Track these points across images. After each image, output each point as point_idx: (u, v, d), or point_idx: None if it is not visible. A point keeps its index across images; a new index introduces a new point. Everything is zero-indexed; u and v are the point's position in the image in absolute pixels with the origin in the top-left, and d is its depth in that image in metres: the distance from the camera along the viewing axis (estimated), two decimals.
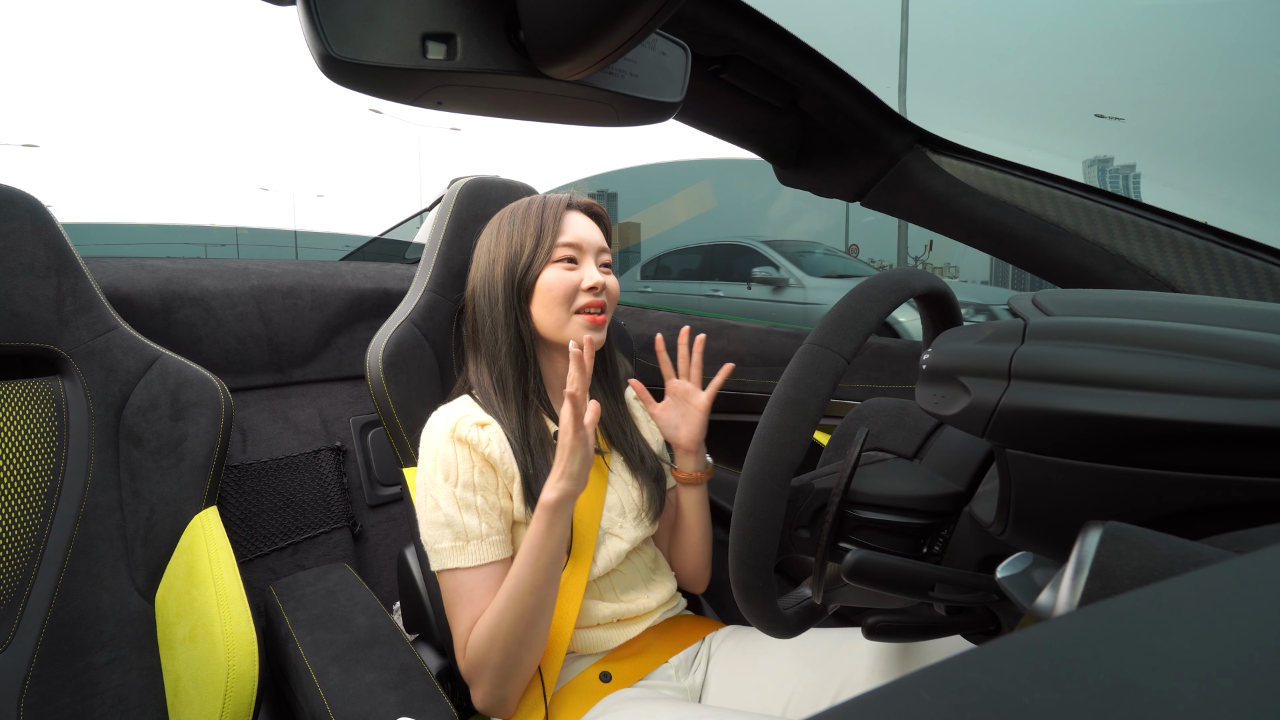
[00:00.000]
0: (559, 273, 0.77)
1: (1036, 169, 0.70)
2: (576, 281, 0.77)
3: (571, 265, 0.78)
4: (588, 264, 0.79)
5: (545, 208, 0.79)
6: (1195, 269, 0.61)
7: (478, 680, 0.68)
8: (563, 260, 0.77)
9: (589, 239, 0.79)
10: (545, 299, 0.77)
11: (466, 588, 0.70)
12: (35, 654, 0.69)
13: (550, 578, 0.67)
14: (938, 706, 0.12)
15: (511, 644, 0.66)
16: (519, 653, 0.67)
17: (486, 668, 0.67)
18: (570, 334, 0.77)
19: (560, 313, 0.77)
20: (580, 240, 0.78)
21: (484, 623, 0.68)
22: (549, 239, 0.77)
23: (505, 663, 0.67)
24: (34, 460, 0.75)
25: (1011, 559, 0.35)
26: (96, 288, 0.82)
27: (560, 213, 0.79)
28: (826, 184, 0.82)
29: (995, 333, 0.40)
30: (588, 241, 0.79)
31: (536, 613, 0.67)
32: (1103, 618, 0.14)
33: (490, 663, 0.67)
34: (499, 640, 0.66)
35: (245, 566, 1.05)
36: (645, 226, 9.26)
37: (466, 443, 0.72)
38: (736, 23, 0.60)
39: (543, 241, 0.77)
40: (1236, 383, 0.30)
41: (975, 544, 0.49)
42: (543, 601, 0.67)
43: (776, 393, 0.46)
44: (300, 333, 1.23)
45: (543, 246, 0.77)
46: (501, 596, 0.67)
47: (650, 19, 0.31)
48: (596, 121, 0.46)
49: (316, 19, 0.32)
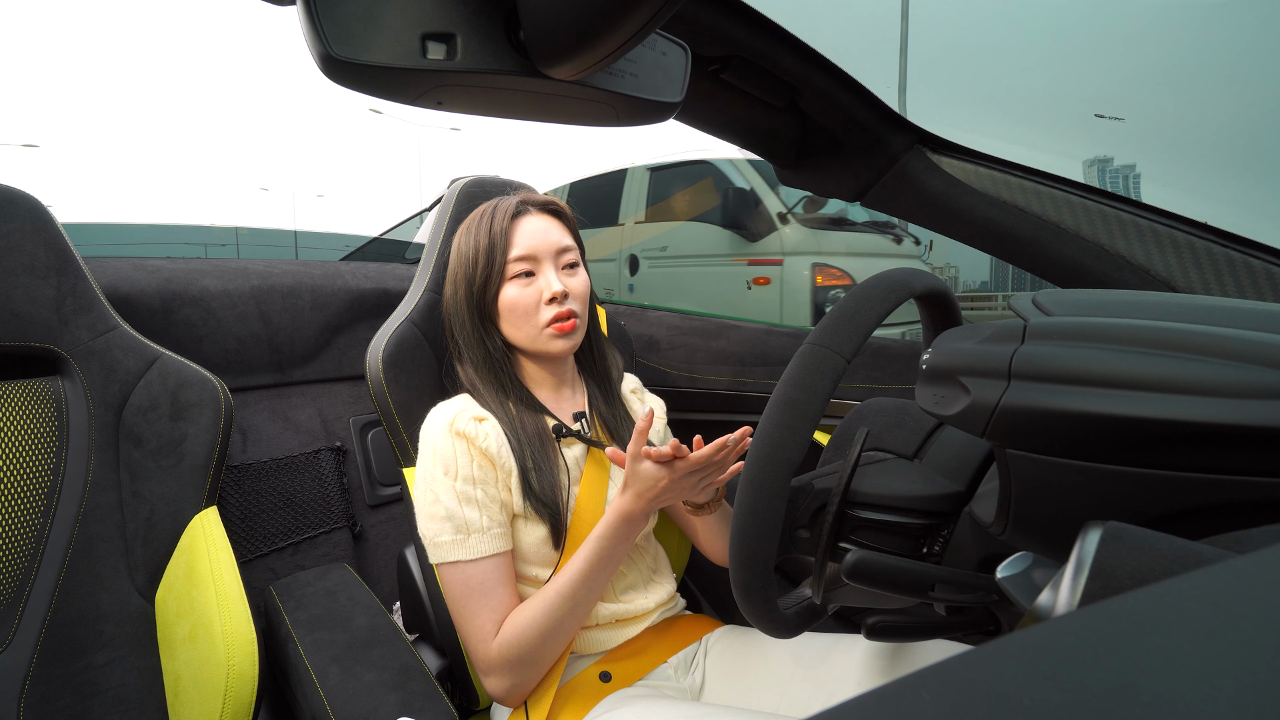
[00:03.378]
0: (517, 289, 0.75)
1: (1036, 169, 0.70)
2: (536, 295, 0.75)
3: (529, 279, 0.76)
4: (546, 271, 0.76)
5: (494, 220, 0.76)
6: (1195, 269, 0.61)
7: (504, 672, 0.69)
8: (519, 276, 0.75)
9: (544, 244, 0.76)
10: (509, 317, 0.76)
11: (475, 581, 0.70)
12: (35, 654, 0.69)
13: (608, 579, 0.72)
14: (938, 706, 0.12)
15: (557, 637, 0.69)
16: (558, 646, 0.70)
17: (522, 661, 0.68)
18: (543, 346, 0.77)
19: (528, 328, 0.76)
20: (533, 250, 0.75)
21: (529, 617, 0.69)
22: (500, 255, 0.75)
23: (543, 655, 0.69)
24: (34, 460, 0.75)
25: (1011, 559, 0.35)
26: (96, 288, 0.82)
27: (507, 225, 0.76)
28: (826, 184, 0.82)
29: (995, 333, 0.40)
30: (542, 248, 0.76)
31: (586, 609, 0.71)
32: (1103, 618, 0.14)
33: (526, 657, 0.68)
34: (547, 633, 0.68)
35: (245, 566, 1.05)
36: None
37: (465, 437, 0.72)
38: (736, 23, 0.60)
39: (494, 258, 0.75)
40: (1236, 383, 0.30)
41: (975, 544, 0.49)
42: (592, 605, 0.72)
43: (776, 393, 0.46)
44: (300, 333, 1.23)
45: (495, 264, 0.75)
46: (554, 594, 0.69)
47: (650, 19, 0.31)
48: (596, 121, 0.46)
49: (316, 19, 0.32)
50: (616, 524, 0.69)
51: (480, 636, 0.69)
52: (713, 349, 1.28)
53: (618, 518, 0.69)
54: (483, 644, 0.69)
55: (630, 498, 0.68)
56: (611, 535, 0.69)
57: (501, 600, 0.70)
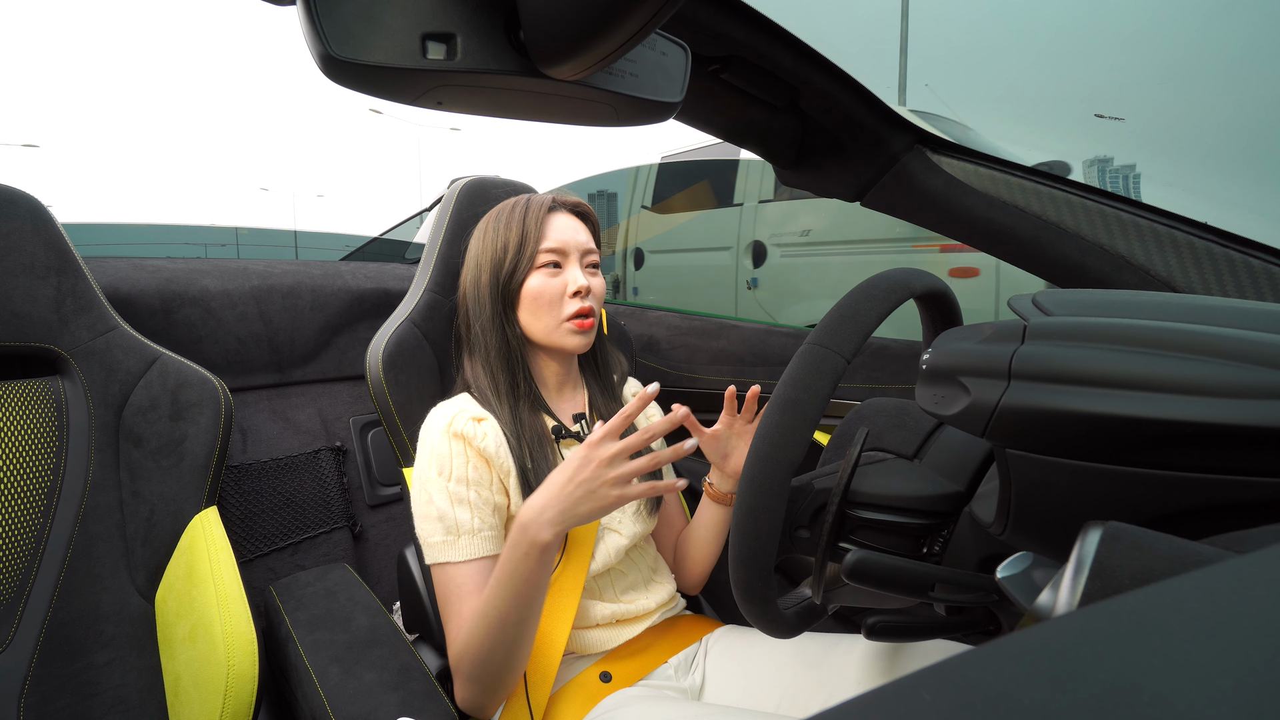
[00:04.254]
0: (543, 279, 0.76)
1: (1036, 169, 0.70)
2: (561, 287, 0.77)
3: (556, 270, 0.77)
4: (571, 267, 0.78)
5: (528, 211, 0.78)
6: (1195, 269, 0.61)
7: (461, 680, 0.68)
8: (546, 265, 0.77)
9: (573, 241, 0.78)
10: (531, 306, 0.77)
11: (455, 583, 0.69)
12: (35, 654, 0.69)
13: (534, 610, 0.64)
14: (938, 706, 0.12)
15: (497, 660, 0.64)
16: (504, 667, 0.65)
17: (470, 675, 0.67)
18: (559, 340, 0.78)
19: (548, 319, 0.77)
20: (564, 244, 0.78)
21: (464, 629, 0.67)
22: (531, 244, 0.77)
23: (490, 674, 0.65)
24: (34, 460, 0.75)
25: (1011, 559, 0.35)
26: (96, 288, 0.82)
27: (543, 216, 0.78)
28: (826, 184, 0.82)
29: (995, 333, 0.40)
30: (572, 244, 0.78)
31: (515, 638, 0.64)
32: (1103, 618, 0.14)
33: (472, 672, 0.66)
34: (479, 657, 0.65)
35: (245, 566, 1.05)
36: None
37: (462, 437, 0.72)
38: (736, 23, 0.60)
39: (525, 247, 0.76)
40: (1236, 383, 0.30)
41: (975, 544, 0.49)
42: (523, 627, 0.63)
43: (776, 393, 0.46)
44: (300, 333, 1.23)
45: (525, 252, 0.76)
46: (476, 618, 0.65)
47: (650, 19, 0.31)
48: (596, 121, 0.46)
49: (316, 19, 0.32)
50: (523, 545, 0.61)
51: (449, 640, 0.69)
52: (713, 349, 1.28)
53: (517, 526, 0.62)
54: (453, 648, 0.69)
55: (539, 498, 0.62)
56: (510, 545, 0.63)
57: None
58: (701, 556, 0.88)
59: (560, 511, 0.61)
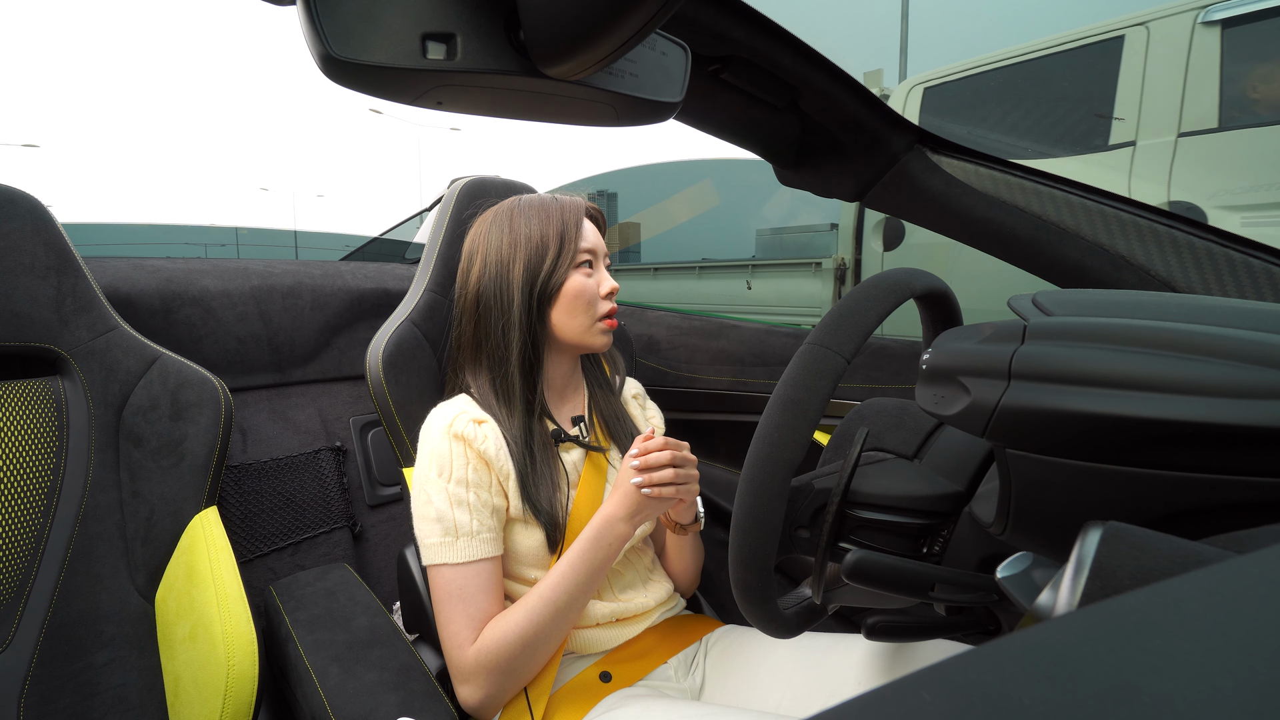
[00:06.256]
0: (582, 279, 0.77)
1: (1036, 169, 0.70)
2: (595, 287, 0.78)
3: (590, 271, 0.79)
4: (600, 269, 0.80)
5: (565, 210, 0.78)
6: (1195, 269, 0.61)
7: (480, 680, 0.68)
8: (583, 265, 0.78)
9: (600, 244, 0.80)
10: (570, 305, 0.77)
11: (455, 585, 0.69)
12: (35, 654, 0.69)
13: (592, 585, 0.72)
14: (938, 706, 0.12)
15: (539, 646, 0.69)
16: (539, 656, 0.69)
17: (500, 669, 0.67)
18: (589, 339, 0.79)
19: (584, 319, 0.78)
20: (595, 246, 0.79)
21: (511, 622, 0.68)
22: (573, 244, 0.77)
23: (523, 665, 0.68)
24: (34, 460, 0.75)
25: (1011, 559, 0.35)
26: (96, 288, 0.82)
27: (580, 217, 0.79)
28: (826, 184, 0.82)
29: (995, 333, 0.40)
30: (599, 247, 0.80)
31: (571, 616, 0.70)
32: (1103, 618, 0.14)
33: (505, 665, 0.67)
34: (529, 640, 0.67)
35: (245, 566, 1.05)
36: (645, 227, 9.26)
37: (463, 439, 0.72)
38: (736, 23, 0.60)
39: (567, 246, 0.77)
40: (1236, 383, 0.30)
41: (975, 544, 0.49)
42: (578, 613, 0.71)
43: (776, 393, 0.46)
44: (300, 333, 1.23)
45: (567, 251, 0.77)
46: (537, 599, 0.68)
47: (650, 19, 0.31)
48: (596, 121, 0.46)
49: (316, 19, 0.32)
50: (600, 527, 0.70)
51: (456, 642, 0.69)
52: (713, 349, 1.28)
53: (602, 521, 0.71)
54: (458, 650, 0.68)
55: (615, 500, 0.71)
56: (594, 539, 0.70)
57: (480, 607, 0.69)
58: (680, 570, 0.89)
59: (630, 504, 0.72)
